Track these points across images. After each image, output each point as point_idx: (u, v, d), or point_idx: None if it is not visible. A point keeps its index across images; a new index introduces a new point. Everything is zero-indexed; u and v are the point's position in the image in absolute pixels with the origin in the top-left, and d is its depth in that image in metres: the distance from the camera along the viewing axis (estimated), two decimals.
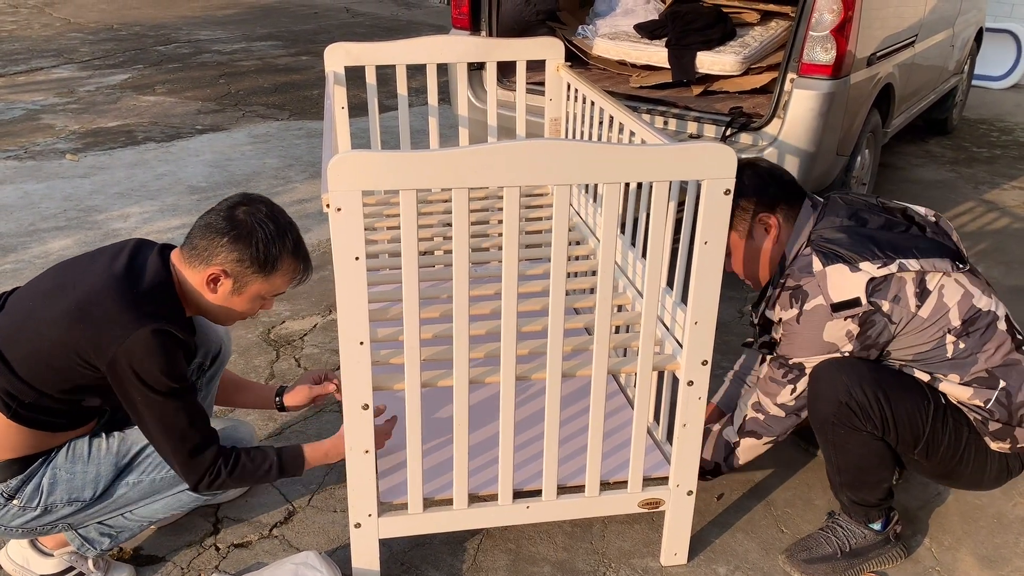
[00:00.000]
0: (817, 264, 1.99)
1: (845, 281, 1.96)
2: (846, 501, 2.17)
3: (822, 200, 2.12)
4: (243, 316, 1.97)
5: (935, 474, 2.13)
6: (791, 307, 2.02)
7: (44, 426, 1.85)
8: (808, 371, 2.04)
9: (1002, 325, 2.01)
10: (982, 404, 2.00)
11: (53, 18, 9.88)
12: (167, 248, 1.93)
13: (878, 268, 1.94)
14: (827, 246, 1.99)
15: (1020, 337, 2.04)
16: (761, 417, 2.16)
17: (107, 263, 1.85)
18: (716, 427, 2.27)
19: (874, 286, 1.95)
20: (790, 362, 2.06)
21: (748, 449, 2.21)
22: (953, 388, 2.01)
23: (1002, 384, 1.98)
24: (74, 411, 1.88)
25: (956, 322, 1.98)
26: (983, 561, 2.25)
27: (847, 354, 2.01)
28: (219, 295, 1.89)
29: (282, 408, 2.30)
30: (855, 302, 1.95)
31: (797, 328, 2.02)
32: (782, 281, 2.06)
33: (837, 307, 1.96)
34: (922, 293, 1.97)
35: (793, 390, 2.08)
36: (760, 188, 2.10)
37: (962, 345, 1.98)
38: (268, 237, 1.86)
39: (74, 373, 1.79)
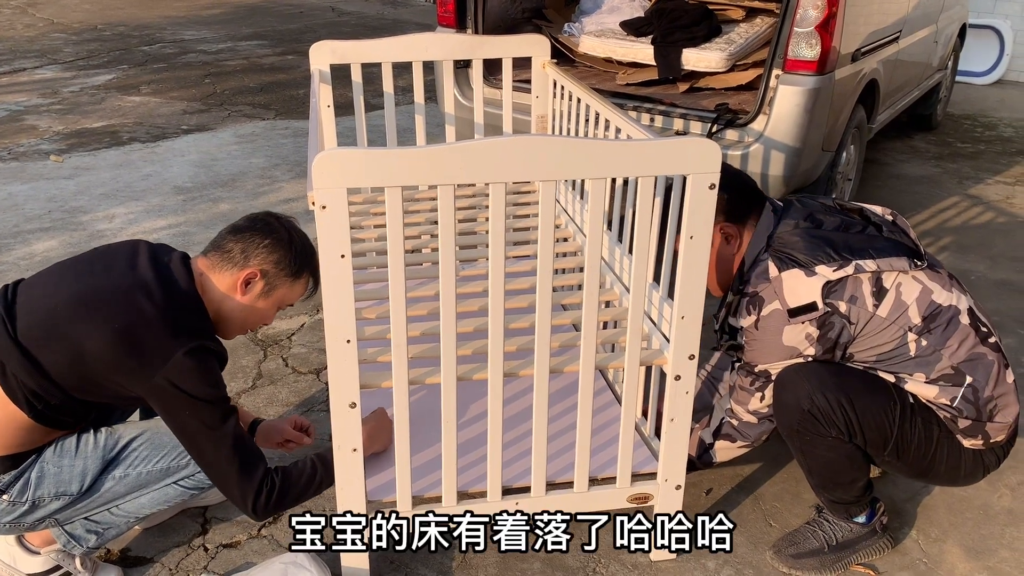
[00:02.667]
0: (773, 270, 1.99)
1: (801, 286, 1.96)
2: (824, 501, 2.18)
3: (781, 204, 2.13)
4: (260, 323, 2.02)
5: (909, 474, 2.14)
6: (749, 314, 2.03)
7: (56, 424, 1.87)
8: (774, 377, 2.05)
9: (965, 319, 1.99)
10: (949, 402, 1.99)
11: (36, 18, 9.81)
12: (187, 257, 1.96)
13: (834, 271, 1.94)
14: (783, 251, 2.00)
15: (985, 329, 2.02)
16: (735, 423, 2.18)
17: (129, 270, 1.86)
18: (696, 426, 2.28)
19: (829, 288, 1.95)
20: (756, 370, 2.07)
21: (723, 450, 2.22)
22: (920, 387, 2.00)
23: (968, 380, 1.97)
24: (86, 412, 1.90)
25: (916, 319, 1.97)
26: (969, 552, 2.26)
27: (810, 358, 2.00)
28: (249, 297, 1.95)
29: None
30: (811, 307, 1.95)
31: (757, 335, 2.03)
32: (741, 288, 2.07)
33: (794, 312, 1.96)
34: (879, 292, 1.96)
35: (762, 397, 2.09)
36: (720, 197, 2.10)
37: (924, 343, 1.97)
38: (303, 245, 2.00)
39: (110, 384, 1.82)
